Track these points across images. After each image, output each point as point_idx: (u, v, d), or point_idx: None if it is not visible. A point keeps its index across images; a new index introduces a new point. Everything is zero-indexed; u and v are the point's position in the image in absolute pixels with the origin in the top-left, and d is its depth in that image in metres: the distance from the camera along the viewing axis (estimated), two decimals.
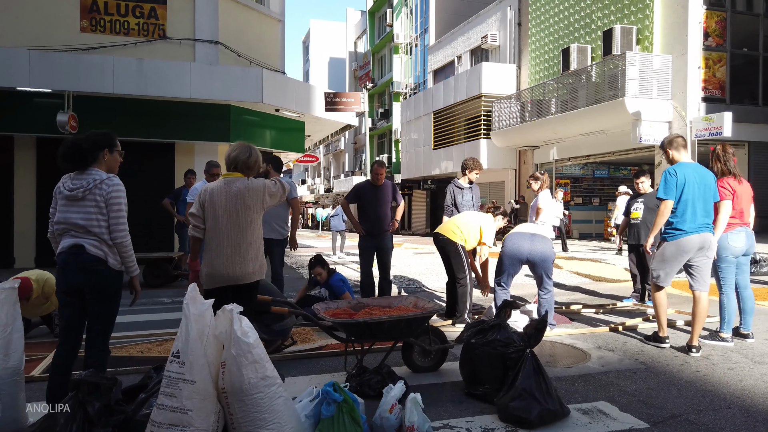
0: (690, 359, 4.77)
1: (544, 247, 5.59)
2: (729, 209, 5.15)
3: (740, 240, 5.24)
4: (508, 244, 5.65)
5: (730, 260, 5.27)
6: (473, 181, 7.25)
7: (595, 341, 5.39)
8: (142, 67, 10.51)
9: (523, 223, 5.95)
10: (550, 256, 5.64)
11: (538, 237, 5.62)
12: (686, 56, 16.44)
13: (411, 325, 4.19)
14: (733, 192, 5.19)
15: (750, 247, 5.35)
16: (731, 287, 5.33)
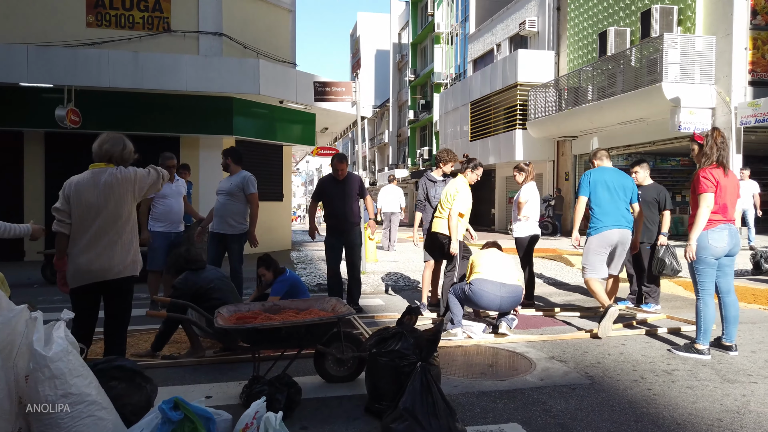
0: (647, 374, 4.18)
1: (514, 299, 5.17)
2: (710, 203, 4.52)
3: (722, 239, 4.58)
4: (478, 293, 5.08)
5: (709, 261, 4.62)
6: (449, 174, 6.77)
7: (551, 349, 4.85)
8: (138, 61, 10.46)
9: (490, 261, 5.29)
10: (518, 301, 5.27)
11: (507, 287, 5.11)
12: (731, 36, 15.20)
13: (313, 331, 3.80)
14: (716, 184, 4.53)
15: (734, 247, 4.69)
16: (709, 292, 4.68)
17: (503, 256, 5.44)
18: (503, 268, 5.22)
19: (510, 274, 5.22)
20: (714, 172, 4.55)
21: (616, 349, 4.83)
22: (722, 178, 4.56)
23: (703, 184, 4.53)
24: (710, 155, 4.59)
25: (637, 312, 6.46)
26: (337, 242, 6.54)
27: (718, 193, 4.53)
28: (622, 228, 5.59)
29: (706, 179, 4.53)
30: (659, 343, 5.04)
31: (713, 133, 4.69)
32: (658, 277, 6.64)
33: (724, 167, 4.58)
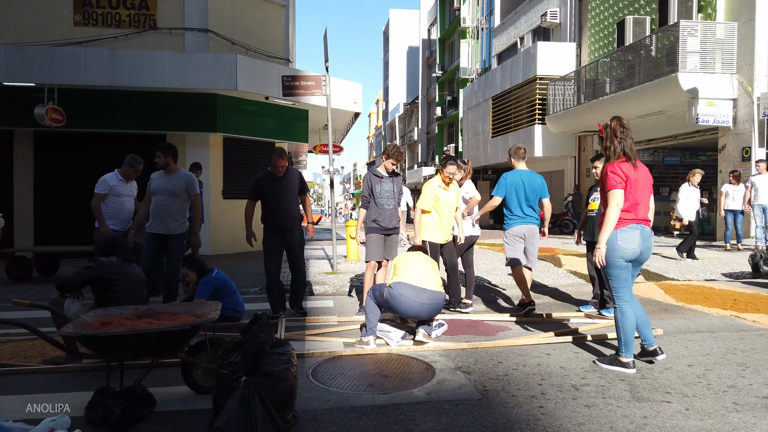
0: (551, 390, 3.75)
1: (434, 306, 4.81)
2: (619, 200, 4.08)
3: (632, 240, 4.11)
4: (397, 297, 4.70)
5: (620, 265, 4.14)
6: (394, 170, 6.40)
7: (465, 359, 4.44)
8: (115, 58, 10.42)
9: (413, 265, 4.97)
10: (438, 309, 4.92)
11: (428, 293, 4.74)
12: (754, 22, 14.25)
13: (168, 339, 3.51)
14: (625, 179, 4.10)
15: (645, 251, 4.20)
16: (626, 299, 4.19)
17: (427, 261, 5.08)
18: (425, 273, 4.85)
19: (432, 279, 4.85)
20: (623, 166, 4.12)
21: (536, 360, 4.39)
22: (632, 173, 4.13)
23: (611, 180, 4.10)
24: (613, 148, 4.19)
25: (595, 318, 5.95)
26: (277, 244, 6.18)
27: (628, 189, 4.09)
28: (529, 223, 6.25)
29: (615, 174, 4.11)
30: (588, 354, 4.57)
31: (612, 122, 4.30)
32: None
33: (631, 159, 4.15)
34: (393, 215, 6.25)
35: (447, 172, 6.10)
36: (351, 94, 13.50)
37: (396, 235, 6.34)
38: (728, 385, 3.81)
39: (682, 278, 8.60)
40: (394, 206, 6.28)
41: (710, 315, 5.97)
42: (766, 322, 5.48)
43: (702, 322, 5.65)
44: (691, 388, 3.75)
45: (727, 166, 14.99)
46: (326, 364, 4.34)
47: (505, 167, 28.52)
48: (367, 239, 6.26)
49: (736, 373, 4.04)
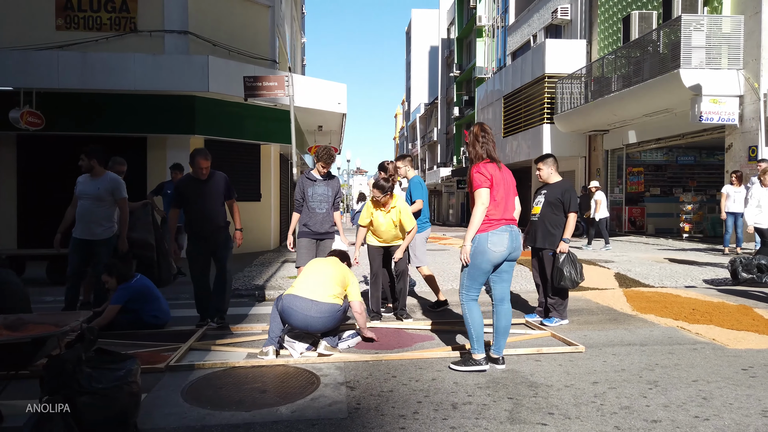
0: (426, 408, 3.49)
1: (327, 320, 4.53)
2: (485, 200, 4.05)
3: (502, 243, 4.08)
4: (287, 310, 4.49)
5: (484, 268, 4.12)
6: (329, 172, 6.18)
7: (361, 372, 4.21)
8: (86, 61, 10.44)
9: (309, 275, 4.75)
10: (336, 327, 4.70)
11: (319, 306, 4.47)
12: (760, 15, 13.61)
13: (17, 350, 3.37)
14: (490, 179, 4.08)
15: (514, 251, 4.15)
16: (473, 298, 4.19)
17: (328, 270, 4.80)
18: (320, 284, 4.59)
19: (326, 291, 4.56)
20: (488, 166, 4.13)
21: (434, 374, 4.13)
22: (497, 173, 4.14)
23: (477, 180, 4.09)
24: (475, 152, 4.19)
25: (535, 327, 5.64)
26: (201, 251, 5.77)
27: (495, 188, 4.10)
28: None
29: (480, 174, 4.10)
30: (499, 366, 4.29)
31: (474, 128, 4.27)
32: (564, 289, 5.78)
33: (496, 161, 4.15)
34: (325, 219, 6.03)
35: (374, 196, 5.76)
36: (335, 95, 13.32)
37: (330, 240, 6.11)
38: (622, 406, 3.50)
39: (658, 285, 8.18)
40: (328, 210, 6.06)
41: (657, 326, 5.60)
42: (709, 335, 5.10)
43: (642, 333, 5.30)
44: (579, 409, 3.45)
45: (733, 165, 14.35)
46: (212, 376, 4.16)
47: (517, 168, 27.99)
48: (298, 244, 6.07)
49: (639, 393, 3.72)
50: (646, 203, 20.12)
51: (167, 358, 4.46)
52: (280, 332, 4.60)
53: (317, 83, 13.42)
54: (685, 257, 11.19)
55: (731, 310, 6.11)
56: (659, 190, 20.35)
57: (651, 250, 13.30)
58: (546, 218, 5.84)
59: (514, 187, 4.30)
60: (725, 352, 4.62)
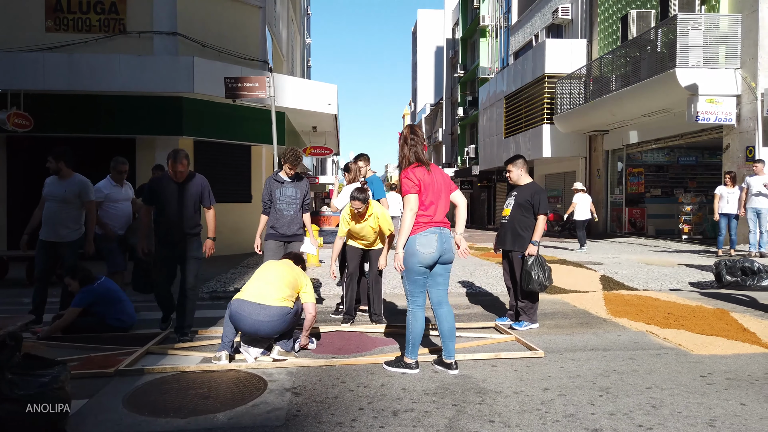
0: (366, 416, 3.42)
1: (276, 324, 4.42)
2: (413, 205, 4.09)
3: (430, 244, 4.09)
4: (235, 315, 4.42)
5: (419, 270, 4.13)
6: (297, 174, 6.12)
7: (311, 377, 4.14)
8: (72, 62, 10.45)
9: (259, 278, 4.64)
10: (287, 331, 4.58)
11: (267, 310, 4.37)
12: (757, 13, 13.41)
13: None
14: (418, 184, 4.13)
15: (446, 253, 4.18)
16: (419, 304, 4.21)
17: (279, 272, 4.70)
18: (269, 287, 4.51)
19: (274, 294, 4.46)
20: (416, 171, 4.16)
21: (385, 380, 4.05)
22: (425, 177, 4.16)
23: (405, 186, 4.13)
24: (405, 154, 4.24)
25: (504, 331, 5.54)
26: (166, 256, 5.43)
27: (423, 192, 4.13)
28: None
29: (408, 179, 4.14)
30: (445, 375, 4.21)
31: (404, 130, 4.32)
32: (534, 292, 5.68)
33: (425, 164, 4.20)
34: (293, 222, 5.97)
35: (354, 207, 5.65)
36: (325, 96, 13.27)
37: (298, 242, 6.06)
38: (567, 414, 3.41)
39: (643, 288, 8.05)
40: (295, 212, 6.00)
41: (626, 330, 5.50)
42: (676, 340, 4.99)
43: (609, 338, 5.20)
44: (522, 417, 3.37)
45: (731, 166, 14.16)
46: (160, 381, 4.11)
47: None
48: (265, 246, 6.01)
49: (588, 400, 3.63)
50: (647, 204, 19.90)
51: (121, 362, 4.42)
52: (232, 336, 4.54)
53: (307, 84, 13.40)
54: (675, 259, 11.04)
55: (707, 314, 5.98)
56: (660, 191, 20.11)
57: (646, 251, 13.15)
58: (515, 220, 5.76)
59: (447, 188, 4.29)
60: (688, 358, 4.51)
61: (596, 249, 14.10)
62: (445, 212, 4.24)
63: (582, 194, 13.88)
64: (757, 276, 7.45)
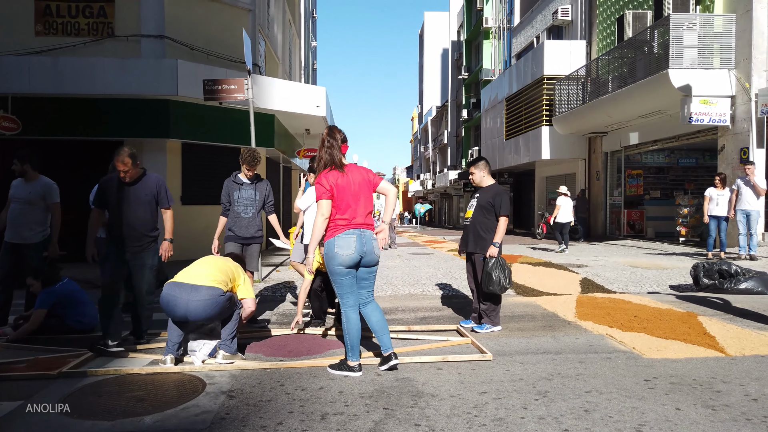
0: (293, 418, 3.40)
1: (206, 304, 4.29)
2: (324, 210, 4.16)
3: (349, 246, 4.14)
4: (165, 299, 4.33)
5: (341, 272, 4.17)
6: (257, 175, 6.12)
7: (251, 380, 4.12)
8: (58, 66, 10.54)
9: (189, 266, 4.59)
10: (217, 314, 4.39)
11: (202, 290, 4.31)
12: (751, 13, 13.26)
13: None
14: (330, 189, 4.17)
15: (367, 255, 4.21)
16: (351, 305, 4.24)
17: (214, 261, 4.68)
18: (201, 270, 4.46)
19: (206, 277, 4.40)
20: (329, 175, 4.19)
21: (325, 383, 4.02)
22: (340, 180, 4.19)
23: (317, 191, 4.20)
24: (321, 156, 4.26)
25: (464, 334, 5.48)
26: (115, 258, 5.04)
27: (339, 196, 4.17)
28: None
29: (320, 185, 4.20)
30: (393, 374, 4.18)
31: (323, 133, 4.33)
32: (496, 294, 5.63)
33: (339, 167, 4.22)
34: (251, 224, 5.96)
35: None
36: (314, 98, 13.28)
37: (257, 244, 6.05)
38: (496, 418, 3.37)
39: (621, 290, 7.97)
40: (254, 215, 5.99)
41: (587, 333, 5.43)
42: (632, 343, 4.92)
43: (566, 341, 5.14)
44: (449, 421, 3.33)
45: (726, 168, 14.02)
46: (100, 384, 4.11)
47: (522, 170, 27.74)
48: (224, 248, 6.00)
49: (522, 404, 3.58)
50: (646, 206, 19.72)
51: (66, 364, 4.43)
52: (178, 339, 4.52)
53: (296, 87, 13.42)
54: (664, 262, 10.93)
55: (674, 317, 5.90)
56: (660, 193, 19.92)
57: (638, 254, 13.02)
58: (477, 222, 5.72)
59: (369, 186, 4.29)
60: (638, 361, 4.44)
61: (589, 251, 14.00)
62: (366, 213, 4.25)
63: (565, 197, 14.24)
64: (735, 279, 7.34)
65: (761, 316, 6.04)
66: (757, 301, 6.84)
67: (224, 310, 4.45)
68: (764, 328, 5.46)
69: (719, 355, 4.53)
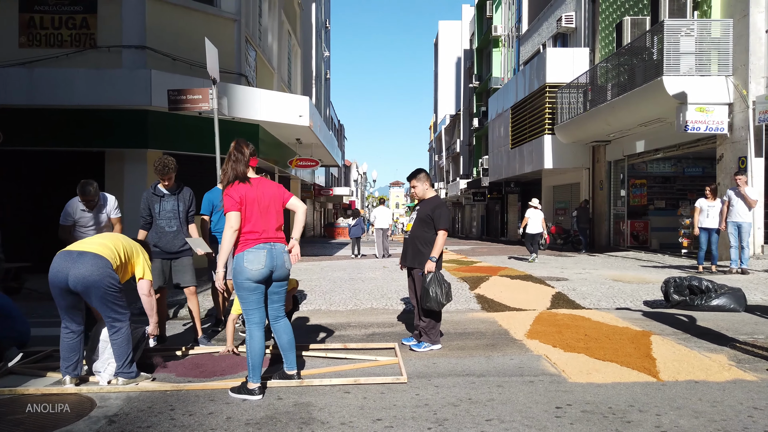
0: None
1: (89, 269, 4.06)
2: (233, 223, 4.00)
3: (259, 260, 3.99)
4: (50, 271, 4.17)
5: (248, 287, 4.02)
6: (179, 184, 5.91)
7: (144, 403, 3.94)
8: (32, 77, 10.57)
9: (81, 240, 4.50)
10: (99, 281, 4.06)
11: (88, 256, 4.12)
12: (748, 18, 12.84)
13: None
14: (239, 201, 4.03)
15: (277, 269, 4.09)
16: (256, 322, 4.07)
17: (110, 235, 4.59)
18: (91, 240, 4.37)
19: (95, 243, 4.25)
20: (239, 187, 4.08)
21: (217, 407, 3.83)
22: (249, 192, 4.07)
23: (226, 203, 4.04)
24: (226, 170, 4.14)
25: (397, 354, 5.24)
26: None
27: (248, 209, 4.04)
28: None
29: (229, 197, 4.05)
30: (294, 397, 3.97)
31: (231, 145, 4.24)
32: (436, 311, 5.39)
33: (246, 181, 4.13)
34: (176, 237, 5.70)
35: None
36: (297, 108, 13.16)
37: (187, 257, 5.84)
38: None
39: (592, 306, 7.65)
40: (178, 228, 5.74)
41: (526, 353, 5.15)
42: (565, 366, 4.64)
43: (498, 362, 4.87)
44: None
45: (725, 177, 13.56)
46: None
47: (529, 180, 27.34)
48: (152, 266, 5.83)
49: None
50: (650, 217, 19.23)
51: None
52: (75, 357, 4.32)
53: (278, 96, 13.31)
54: (653, 276, 10.55)
55: (626, 336, 5.60)
56: (665, 203, 19.41)
57: (631, 266, 12.62)
58: (416, 236, 5.50)
59: (279, 200, 4.20)
60: (561, 386, 4.17)
61: (582, 263, 13.64)
62: (276, 226, 4.14)
63: (534, 210, 14.87)
64: (705, 295, 6.99)
65: (720, 336, 5.71)
66: (723, 320, 6.49)
67: (110, 285, 4.12)
68: (716, 349, 5.13)
69: (650, 380, 4.24)
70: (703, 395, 3.91)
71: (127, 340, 4.27)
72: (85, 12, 11.74)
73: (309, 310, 7.69)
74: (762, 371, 4.40)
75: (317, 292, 9.01)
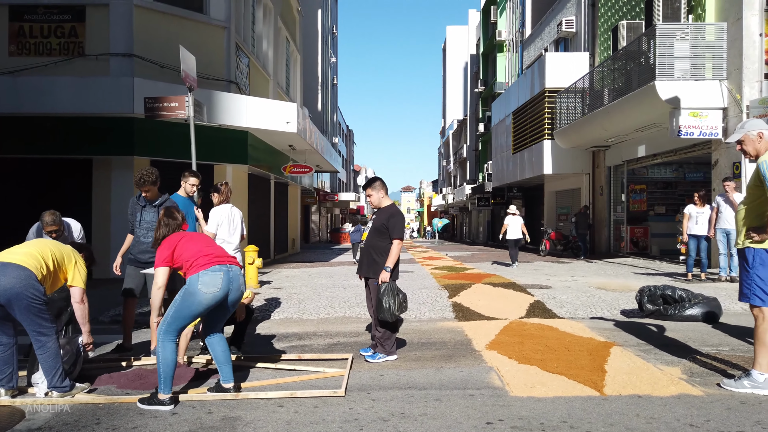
0: None
1: (11, 281, 3.94)
2: (161, 282, 4.13)
3: (215, 283, 3.98)
4: None
5: (194, 310, 4.00)
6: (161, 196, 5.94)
7: (77, 416, 3.90)
8: (17, 85, 10.66)
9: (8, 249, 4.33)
10: (20, 293, 3.94)
11: (11, 267, 4.02)
12: (741, 22, 12.65)
13: None
14: (172, 251, 4.16)
15: (234, 291, 4.07)
16: (171, 339, 4.00)
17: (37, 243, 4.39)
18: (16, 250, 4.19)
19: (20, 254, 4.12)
20: (168, 241, 4.22)
21: (143, 421, 3.78)
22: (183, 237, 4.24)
23: (157, 258, 4.19)
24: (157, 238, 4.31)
25: (350, 366, 5.17)
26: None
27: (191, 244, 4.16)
28: None
29: (160, 255, 4.19)
30: (224, 411, 3.91)
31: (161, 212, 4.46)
32: (394, 322, 5.31)
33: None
34: (148, 249, 5.71)
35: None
36: (284, 115, 13.15)
37: None
38: None
39: (567, 315, 7.51)
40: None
41: (478, 365, 5.04)
42: (512, 378, 4.53)
43: (447, 374, 4.77)
44: None
45: (720, 183, 13.31)
46: None
47: (532, 185, 27.15)
48: (125, 271, 5.83)
49: None
50: (650, 222, 19.00)
51: None
52: (9, 370, 4.27)
53: (264, 103, 13.33)
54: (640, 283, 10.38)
55: (586, 347, 5.48)
56: (665, 209, 19.16)
57: (621, 274, 12.46)
58: (371, 245, 5.43)
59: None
60: (500, 400, 4.07)
61: (574, 270, 13.48)
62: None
63: (513, 216, 15.32)
64: (679, 305, 6.83)
65: (684, 347, 5.57)
66: (693, 330, 6.33)
67: (33, 297, 4.00)
68: (673, 362, 5.00)
69: (593, 394, 4.13)
70: (641, 411, 3.79)
71: (55, 355, 4.19)
72: (74, 21, 11.84)
73: (280, 319, 7.63)
74: (711, 386, 4.27)
75: (294, 300, 8.97)
